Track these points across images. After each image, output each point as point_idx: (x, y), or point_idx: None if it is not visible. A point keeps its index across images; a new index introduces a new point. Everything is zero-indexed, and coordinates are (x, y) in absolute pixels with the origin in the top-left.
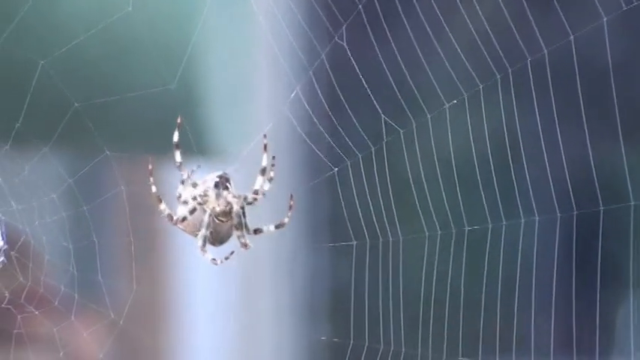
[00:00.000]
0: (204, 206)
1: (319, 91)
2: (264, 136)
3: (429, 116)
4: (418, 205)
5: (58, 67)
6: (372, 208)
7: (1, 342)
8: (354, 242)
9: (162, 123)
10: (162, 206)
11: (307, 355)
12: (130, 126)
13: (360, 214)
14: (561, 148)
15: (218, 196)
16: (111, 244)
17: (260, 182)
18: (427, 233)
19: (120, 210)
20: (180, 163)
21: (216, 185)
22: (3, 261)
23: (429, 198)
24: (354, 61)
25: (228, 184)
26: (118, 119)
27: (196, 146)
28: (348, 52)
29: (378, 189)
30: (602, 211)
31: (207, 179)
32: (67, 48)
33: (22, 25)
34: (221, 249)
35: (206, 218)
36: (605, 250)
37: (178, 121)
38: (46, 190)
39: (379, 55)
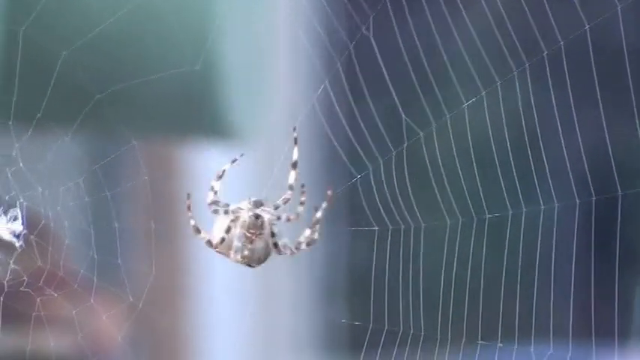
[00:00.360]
0: (237, 222)
1: (344, 81)
2: (294, 129)
3: (447, 116)
4: (438, 195)
5: (81, 54)
6: (389, 197)
7: (20, 324)
8: (376, 228)
9: (186, 106)
10: (202, 234)
11: (325, 338)
12: (153, 111)
13: (379, 202)
14: (579, 135)
15: (249, 210)
16: (132, 229)
17: (293, 176)
18: (448, 221)
19: (142, 197)
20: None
21: (257, 217)
22: (21, 245)
23: (448, 187)
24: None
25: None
26: (142, 105)
27: (216, 129)
28: (374, 43)
29: (399, 178)
30: (620, 196)
31: (242, 206)
32: (91, 35)
33: (44, 13)
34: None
35: (238, 231)
36: (624, 235)
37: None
38: (68, 176)
39: (401, 45)
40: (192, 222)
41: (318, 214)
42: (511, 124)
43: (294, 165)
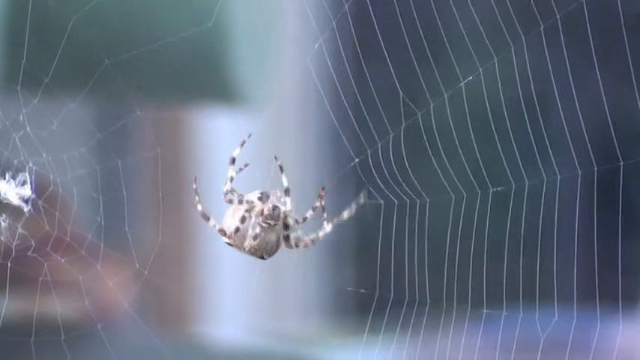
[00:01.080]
0: (252, 212)
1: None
2: (275, 158)
3: (445, 95)
4: (440, 172)
5: (91, 19)
6: (397, 172)
7: (27, 290)
8: (381, 202)
9: (194, 72)
10: (212, 222)
11: (333, 304)
12: (161, 77)
13: (384, 178)
14: (577, 107)
15: (264, 203)
16: (139, 197)
17: (289, 203)
18: (453, 196)
19: (150, 164)
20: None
21: (260, 198)
22: (30, 210)
23: (449, 165)
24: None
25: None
26: (150, 72)
27: (224, 94)
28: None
29: (406, 153)
30: (622, 166)
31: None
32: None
33: None
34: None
35: (253, 220)
36: (626, 202)
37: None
38: (75, 144)
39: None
40: (200, 207)
41: (345, 214)
42: (510, 98)
43: (287, 191)
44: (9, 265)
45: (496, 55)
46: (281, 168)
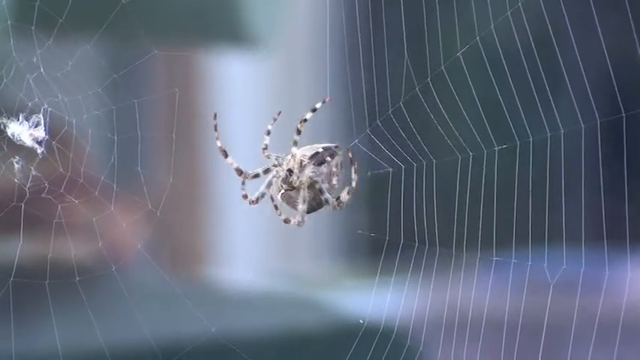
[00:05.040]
0: (278, 168)
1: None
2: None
3: (442, 66)
4: (445, 134)
5: None
6: (404, 135)
7: (41, 231)
8: (390, 169)
9: (208, 13)
10: (230, 160)
11: (345, 246)
12: (176, 18)
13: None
14: (579, 59)
15: (288, 163)
16: (153, 138)
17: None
18: (459, 156)
19: (164, 105)
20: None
21: (314, 156)
22: (43, 152)
23: (454, 125)
24: None
25: (326, 160)
26: (165, 12)
27: (239, 36)
28: None
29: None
30: (624, 117)
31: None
32: None
33: None
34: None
35: (270, 177)
36: (631, 151)
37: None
38: (90, 84)
39: None
40: (219, 143)
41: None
42: (509, 57)
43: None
44: (23, 207)
45: (493, 22)
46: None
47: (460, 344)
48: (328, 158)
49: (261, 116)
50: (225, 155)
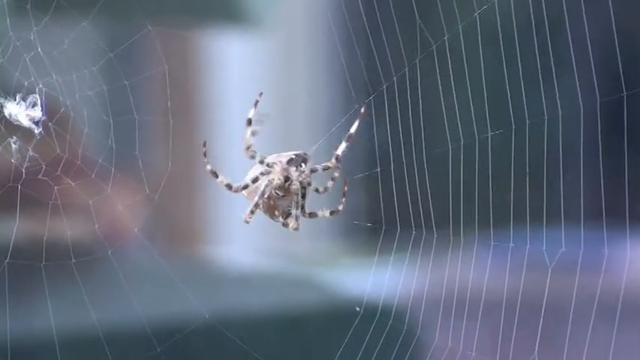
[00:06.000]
0: (267, 177)
1: None
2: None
3: (433, 45)
4: (442, 114)
5: None
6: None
7: (37, 213)
8: (379, 169)
9: None
10: (220, 178)
11: (344, 226)
12: None
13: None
14: (588, 39)
15: (284, 170)
16: (150, 120)
17: (343, 147)
18: (450, 145)
19: (160, 86)
20: (255, 131)
21: (290, 162)
22: (40, 132)
23: (450, 106)
24: None
25: (303, 164)
26: None
27: (234, 14)
28: None
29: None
30: (625, 97)
31: (283, 154)
32: None
33: None
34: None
35: (263, 187)
36: (631, 129)
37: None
38: (86, 64)
39: None
40: (209, 167)
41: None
42: (507, 37)
43: (349, 138)
44: (19, 187)
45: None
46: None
47: (459, 322)
48: (302, 164)
49: (259, 94)
50: (216, 176)
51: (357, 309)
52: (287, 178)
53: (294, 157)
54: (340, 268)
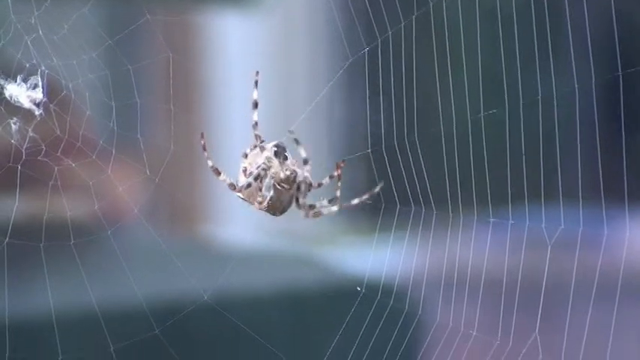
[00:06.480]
0: (268, 172)
1: None
2: (289, 131)
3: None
4: (437, 95)
5: None
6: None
7: (37, 193)
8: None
9: None
10: (222, 177)
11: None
12: None
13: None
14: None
15: (282, 163)
16: (152, 103)
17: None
18: (442, 129)
19: (162, 70)
20: (256, 122)
21: (276, 154)
22: (41, 114)
23: (445, 85)
24: None
25: (286, 154)
26: None
27: None
28: None
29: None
30: (621, 76)
31: (265, 147)
32: None
33: None
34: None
35: (268, 180)
36: (628, 108)
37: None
38: (86, 49)
39: None
40: (210, 163)
41: (354, 201)
42: (506, 21)
43: (305, 162)
44: (19, 168)
45: None
46: (296, 141)
47: (459, 300)
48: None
49: (261, 75)
50: (218, 173)
51: (359, 289)
52: (292, 170)
53: (276, 148)
54: (341, 247)
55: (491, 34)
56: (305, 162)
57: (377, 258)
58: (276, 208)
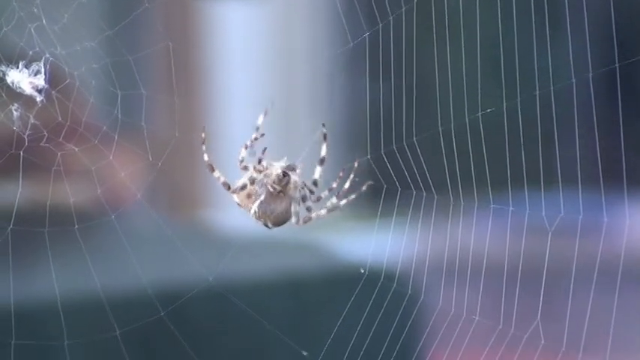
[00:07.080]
0: (263, 174)
1: None
2: (323, 125)
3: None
4: (436, 83)
5: None
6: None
7: (40, 179)
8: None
9: None
10: (217, 174)
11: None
12: None
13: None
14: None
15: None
16: (156, 90)
17: (319, 172)
18: (440, 128)
19: (164, 58)
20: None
21: (284, 174)
22: (42, 100)
23: (444, 75)
24: None
25: (293, 172)
26: None
27: None
28: None
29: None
30: (617, 68)
31: (274, 164)
32: None
33: None
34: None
35: (261, 177)
36: (625, 98)
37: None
38: (84, 38)
39: None
40: (206, 157)
41: (342, 202)
42: (505, 19)
43: (321, 161)
44: (21, 154)
45: None
46: (325, 136)
47: (462, 281)
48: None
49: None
50: (212, 170)
51: (362, 271)
52: (285, 174)
53: (285, 169)
54: (343, 232)
55: (493, 18)
56: (321, 161)
57: (379, 242)
58: (267, 215)
